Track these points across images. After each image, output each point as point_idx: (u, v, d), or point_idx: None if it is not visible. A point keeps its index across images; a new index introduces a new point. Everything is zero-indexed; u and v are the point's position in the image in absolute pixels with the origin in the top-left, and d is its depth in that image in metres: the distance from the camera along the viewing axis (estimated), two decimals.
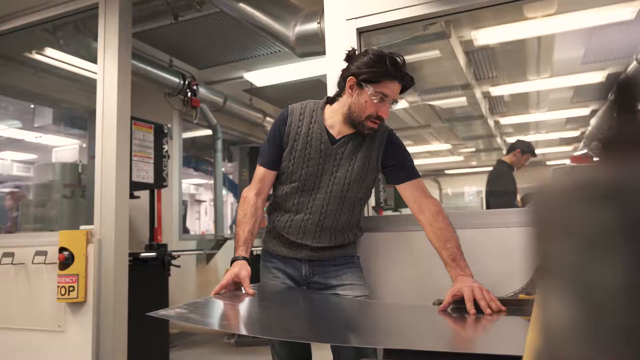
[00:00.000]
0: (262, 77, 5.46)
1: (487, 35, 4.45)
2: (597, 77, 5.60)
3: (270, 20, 2.84)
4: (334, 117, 1.74)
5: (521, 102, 6.91)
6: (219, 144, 5.80)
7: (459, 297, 1.42)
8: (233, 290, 1.58)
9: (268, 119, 6.43)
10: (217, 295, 1.53)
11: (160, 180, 3.97)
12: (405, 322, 1.44)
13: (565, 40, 4.82)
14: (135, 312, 3.00)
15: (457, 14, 2.19)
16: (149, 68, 4.43)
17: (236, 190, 7.43)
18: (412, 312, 1.57)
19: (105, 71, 2.84)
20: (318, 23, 2.73)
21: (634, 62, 4.68)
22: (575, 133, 9.03)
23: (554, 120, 8.09)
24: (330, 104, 1.78)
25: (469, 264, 1.59)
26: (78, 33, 3.68)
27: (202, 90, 5.07)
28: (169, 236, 5.02)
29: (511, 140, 9.81)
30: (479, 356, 1.02)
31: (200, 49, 4.86)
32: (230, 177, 7.88)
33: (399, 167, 1.78)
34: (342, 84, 1.72)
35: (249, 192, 1.76)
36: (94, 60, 3.88)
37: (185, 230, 6.15)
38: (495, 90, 6.08)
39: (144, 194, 3.99)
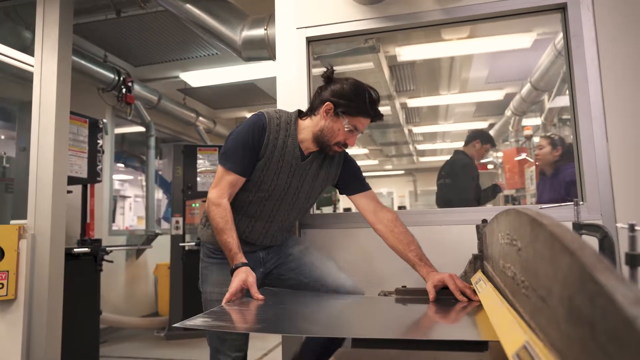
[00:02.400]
0: (197, 78, 5.27)
1: (409, 52, 4.64)
2: (497, 95, 6.03)
3: (217, 23, 2.74)
4: (304, 134, 1.70)
5: (432, 114, 7.27)
6: (152, 141, 5.51)
7: (440, 287, 1.48)
8: (240, 297, 1.49)
9: (201, 118, 6.22)
10: (229, 304, 1.42)
11: (94, 175, 3.69)
12: (368, 313, 1.45)
13: (473, 62, 5.14)
14: (66, 308, 2.76)
15: (393, 31, 2.26)
16: (82, 62, 4.11)
17: (167, 187, 7.11)
18: (371, 304, 1.59)
19: (44, 63, 2.58)
20: (265, 29, 2.68)
21: (528, 84, 5.11)
22: None
23: (458, 131, 8.59)
24: (301, 118, 1.73)
25: None
26: (8, 20, 3.32)
27: (136, 87, 4.79)
28: (98, 231, 4.69)
29: (422, 147, 10.33)
30: (440, 342, 1.04)
31: (136, 46, 4.58)
32: (160, 173, 7.52)
33: (353, 180, 1.83)
34: (316, 103, 1.68)
35: (222, 199, 1.62)
36: (24, 50, 3.53)
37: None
38: (412, 102, 6.34)
39: (76, 189, 3.69)
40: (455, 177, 3.73)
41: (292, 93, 2.20)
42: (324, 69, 1.71)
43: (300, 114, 1.75)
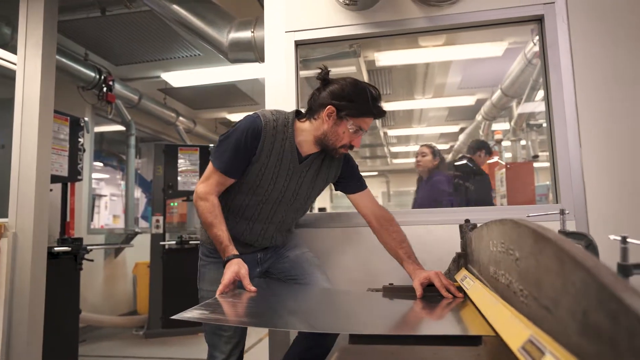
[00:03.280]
0: (179, 78, 5.19)
1: (387, 58, 4.69)
2: (469, 100, 6.15)
3: (204, 25, 2.71)
4: (303, 136, 1.62)
5: (407, 117, 7.35)
6: (132, 140, 5.39)
7: (426, 284, 1.49)
8: (233, 289, 1.46)
9: (181, 118, 6.13)
10: (222, 295, 1.39)
11: (74, 173, 3.59)
12: (360, 309, 1.46)
13: (447, 68, 5.24)
14: (46, 307, 2.66)
15: (379, 37, 2.28)
16: (63, 59, 3.98)
17: (146, 186, 6.97)
18: (366, 299, 1.59)
19: (27, 60, 2.49)
20: (252, 32, 2.66)
21: (498, 91, 5.23)
22: (446, 146, 9.81)
23: (430, 134, 8.71)
24: (299, 119, 1.65)
25: None
26: None
27: (117, 86, 4.68)
28: (77, 230, 4.55)
29: (395, 149, 10.43)
30: (432, 337, 1.05)
31: (118, 45, 4.47)
32: (138, 172, 7.36)
33: (353, 179, 1.79)
34: (315, 106, 1.59)
35: (210, 195, 1.58)
36: (3, 46, 3.40)
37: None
38: (388, 106, 6.41)
39: (55, 187, 3.57)
40: (474, 182, 3.82)
41: (281, 95, 2.19)
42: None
43: (298, 114, 1.68)
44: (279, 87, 2.20)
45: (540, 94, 4.45)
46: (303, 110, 1.70)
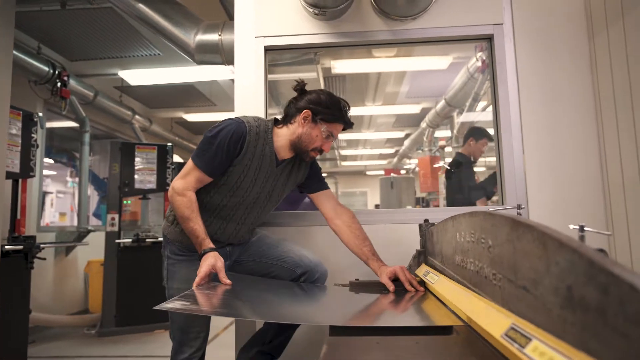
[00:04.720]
0: (137, 76, 4.97)
1: (342, 66, 4.75)
2: (415, 109, 6.35)
3: (171, 25, 2.62)
4: (280, 141, 1.67)
5: (357, 122, 7.48)
6: (87, 137, 5.09)
7: (392, 278, 1.55)
8: (208, 282, 1.44)
9: (137, 117, 5.87)
10: (198, 287, 1.37)
11: (27, 169, 3.35)
12: (334, 302, 1.47)
13: (397, 78, 5.39)
14: None
15: (343, 47, 2.31)
16: (14, 52, 3.69)
17: (99, 184, 6.61)
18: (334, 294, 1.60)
19: None
20: (219, 35, 2.60)
21: (442, 101, 5.45)
22: (391, 150, 10.08)
23: (378, 139, 8.92)
24: (276, 126, 1.71)
25: None
26: None
27: (72, 82, 4.40)
28: (27, 228, 4.23)
29: (345, 152, 10.57)
30: (406, 328, 1.08)
31: (75, 40, 4.21)
32: (90, 169, 6.97)
33: (316, 180, 1.84)
34: (292, 112, 1.67)
35: (187, 191, 1.57)
36: None
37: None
38: None
39: (6, 183, 3.31)
40: (450, 178, 3.72)
41: (250, 98, 2.17)
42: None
43: (275, 122, 1.72)
44: (248, 90, 2.17)
45: (480, 105, 4.69)
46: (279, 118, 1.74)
